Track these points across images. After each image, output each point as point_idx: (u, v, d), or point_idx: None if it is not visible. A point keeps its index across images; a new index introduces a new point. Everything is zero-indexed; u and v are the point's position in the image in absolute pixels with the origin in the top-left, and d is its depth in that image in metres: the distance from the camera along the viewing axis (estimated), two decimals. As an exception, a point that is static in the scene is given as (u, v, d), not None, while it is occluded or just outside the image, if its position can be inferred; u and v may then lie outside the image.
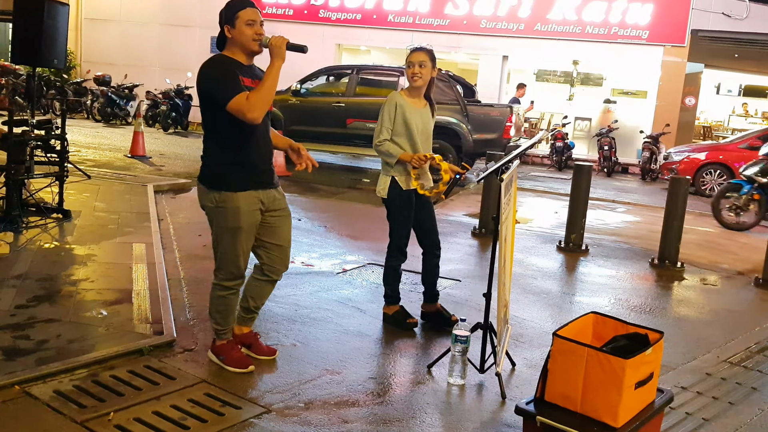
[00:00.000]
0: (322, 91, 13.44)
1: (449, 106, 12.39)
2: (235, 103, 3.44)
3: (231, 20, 3.57)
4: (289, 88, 13.32)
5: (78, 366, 3.67)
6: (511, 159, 4.13)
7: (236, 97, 3.43)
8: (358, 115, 12.70)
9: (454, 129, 12.30)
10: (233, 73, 3.51)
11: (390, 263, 4.71)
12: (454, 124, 12.31)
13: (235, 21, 3.56)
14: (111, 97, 18.23)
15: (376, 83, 13.29)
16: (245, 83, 3.54)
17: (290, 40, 3.61)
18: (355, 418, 3.45)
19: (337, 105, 12.88)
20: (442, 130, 12.44)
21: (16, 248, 5.74)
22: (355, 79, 13.05)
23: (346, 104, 12.89)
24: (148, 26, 21.58)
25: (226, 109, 3.45)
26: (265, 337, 4.29)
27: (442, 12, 18.80)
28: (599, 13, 17.49)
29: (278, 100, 13.24)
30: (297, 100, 13.14)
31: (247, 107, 3.44)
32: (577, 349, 3.04)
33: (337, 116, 12.80)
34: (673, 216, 7.16)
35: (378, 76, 13.46)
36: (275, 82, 3.54)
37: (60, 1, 7.44)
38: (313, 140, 12.91)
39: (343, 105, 12.92)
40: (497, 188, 3.89)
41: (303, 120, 12.99)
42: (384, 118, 4.49)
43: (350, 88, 13.03)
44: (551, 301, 5.73)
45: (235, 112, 3.45)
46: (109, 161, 11.32)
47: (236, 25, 3.56)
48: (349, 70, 13.50)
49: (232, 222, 3.64)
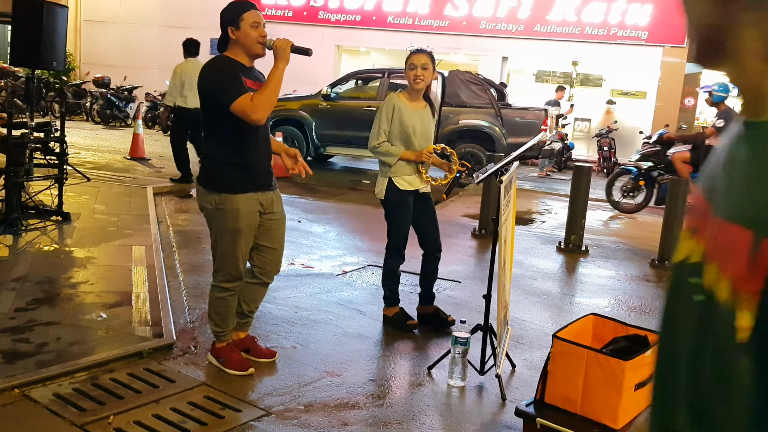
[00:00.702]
0: (352, 95, 13.26)
1: (482, 109, 12.33)
2: (239, 104, 3.44)
3: (235, 22, 3.55)
4: (319, 92, 13.27)
5: (78, 369, 3.66)
6: (510, 160, 4.14)
7: (240, 98, 3.43)
8: None
9: (488, 132, 12.25)
10: (236, 75, 3.51)
11: (388, 265, 4.71)
12: (487, 127, 12.27)
13: (239, 23, 3.55)
14: (110, 99, 18.23)
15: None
16: (247, 85, 3.54)
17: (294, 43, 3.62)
18: (355, 420, 3.45)
19: (368, 109, 12.65)
20: (475, 133, 12.38)
21: (15, 251, 5.74)
22: (386, 83, 12.90)
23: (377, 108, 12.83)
24: (147, 28, 21.59)
25: (230, 109, 3.44)
26: (264, 339, 4.29)
27: (442, 13, 18.81)
28: (598, 14, 17.50)
29: (308, 105, 13.17)
30: (327, 104, 12.97)
31: (251, 108, 3.44)
32: (577, 351, 3.04)
33: (369, 120, 12.67)
34: (673, 216, 7.16)
35: None
36: (279, 84, 3.54)
37: (59, 3, 7.45)
38: (344, 144, 12.89)
39: (374, 109, 12.75)
40: (497, 190, 3.89)
41: (333, 124, 12.89)
42: (381, 120, 4.49)
43: (381, 92, 12.84)
44: (551, 302, 5.73)
45: (238, 113, 3.45)
46: (109, 163, 11.32)
47: (241, 26, 3.55)
48: (380, 73, 13.36)
49: (231, 224, 3.64)
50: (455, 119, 12.53)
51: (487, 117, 12.27)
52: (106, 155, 12.33)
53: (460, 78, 12.86)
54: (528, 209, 10.17)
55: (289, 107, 13.20)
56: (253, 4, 3.64)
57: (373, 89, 13.18)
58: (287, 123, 13.08)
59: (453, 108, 12.61)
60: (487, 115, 12.28)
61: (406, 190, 4.55)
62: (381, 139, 4.48)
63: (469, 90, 12.64)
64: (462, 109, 12.54)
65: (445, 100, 12.68)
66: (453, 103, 12.62)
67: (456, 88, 12.68)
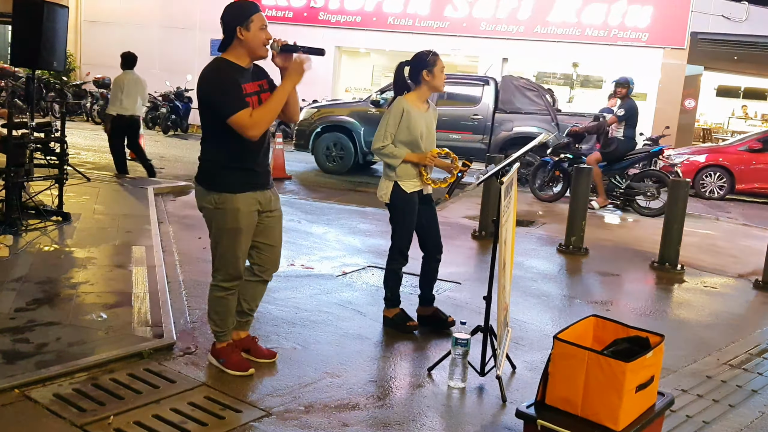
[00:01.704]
0: None
1: (538, 115, 12.23)
2: (237, 119, 3.44)
3: (245, 23, 3.51)
4: (368, 98, 13.21)
5: (78, 369, 3.66)
6: (511, 162, 4.13)
7: (240, 113, 3.43)
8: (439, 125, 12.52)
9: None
10: (235, 84, 3.49)
11: (391, 266, 4.71)
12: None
13: (249, 24, 3.52)
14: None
15: (458, 92, 13.08)
16: (246, 90, 3.54)
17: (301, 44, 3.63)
18: (356, 421, 3.44)
19: None
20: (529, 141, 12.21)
21: (15, 251, 5.74)
22: None
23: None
24: (147, 28, 21.59)
25: (228, 122, 3.45)
26: (265, 340, 4.29)
27: (442, 14, 18.82)
28: (599, 16, 17.51)
29: (357, 112, 13.03)
30: (377, 110, 12.73)
31: (249, 124, 3.45)
32: (578, 353, 3.03)
33: None
34: (673, 218, 7.15)
35: (460, 86, 13.19)
36: (281, 103, 3.55)
37: (59, 4, 7.46)
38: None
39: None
40: (497, 191, 3.89)
41: None
42: (389, 123, 4.48)
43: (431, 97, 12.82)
44: (552, 303, 5.73)
45: (236, 127, 3.46)
46: (109, 164, 11.29)
47: (251, 28, 3.52)
48: None
49: (231, 223, 3.64)
50: (509, 126, 12.41)
51: (542, 124, 12.13)
52: (106, 156, 12.29)
53: (514, 84, 12.73)
54: (528, 210, 10.17)
55: (338, 113, 13.12)
56: (258, 6, 3.64)
57: None
58: (336, 129, 12.98)
59: (507, 114, 12.48)
60: (542, 121, 12.15)
61: (412, 192, 4.56)
62: (387, 141, 4.48)
63: (524, 96, 12.53)
64: (516, 115, 12.41)
65: (499, 107, 12.57)
66: (507, 110, 12.50)
67: (510, 95, 12.57)
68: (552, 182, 11.15)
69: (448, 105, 12.74)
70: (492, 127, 12.54)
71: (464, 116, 12.66)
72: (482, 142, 12.51)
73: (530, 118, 12.36)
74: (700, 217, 10.76)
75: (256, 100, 3.63)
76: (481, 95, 12.71)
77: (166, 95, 17.89)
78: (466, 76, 14.42)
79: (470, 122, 12.60)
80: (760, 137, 13.95)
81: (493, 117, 12.54)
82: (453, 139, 12.30)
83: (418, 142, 4.51)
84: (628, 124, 10.21)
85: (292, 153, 14.13)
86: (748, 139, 14.13)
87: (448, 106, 12.70)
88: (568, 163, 10.85)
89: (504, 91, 12.64)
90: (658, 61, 17.19)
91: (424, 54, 4.54)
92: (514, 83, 12.76)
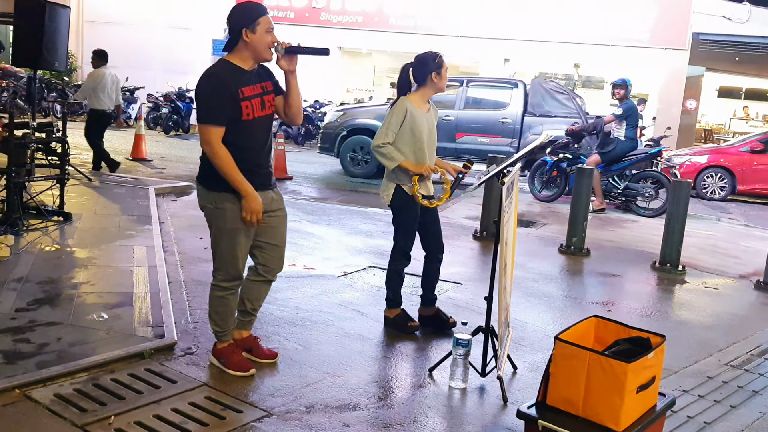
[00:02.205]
0: None
1: (568, 119, 12.12)
2: (206, 130, 3.49)
3: (252, 25, 3.51)
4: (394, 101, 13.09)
5: (79, 369, 3.66)
6: (512, 162, 4.13)
7: (211, 127, 3.48)
8: (468, 129, 12.45)
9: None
10: (226, 97, 3.49)
11: (394, 267, 4.70)
12: None
13: (256, 27, 3.51)
14: (112, 100, 18.22)
15: (487, 96, 12.99)
16: (245, 94, 3.54)
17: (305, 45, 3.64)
18: (357, 421, 3.44)
19: (446, 119, 12.47)
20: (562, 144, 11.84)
21: (16, 251, 5.74)
22: (464, 91, 12.74)
23: (455, 118, 12.58)
24: (149, 29, 21.62)
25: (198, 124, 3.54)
26: (266, 340, 4.29)
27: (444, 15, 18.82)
28: (600, 17, 17.51)
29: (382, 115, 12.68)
30: None
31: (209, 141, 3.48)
32: (579, 353, 3.03)
33: (446, 130, 12.40)
34: (675, 219, 7.15)
35: (489, 89, 13.11)
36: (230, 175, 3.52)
37: (61, 4, 7.46)
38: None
39: (452, 119, 12.56)
40: (498, 191, 3.89)
41: None
42: (392, 122, 4.47)
43: (459, 102, 12.70)
44: (553, 304, 5.72)
45: (200, 134, 3.53)
46: (110, 164, 11.31)
47: (257, 31, 3.52)
48: (457, 82, 13.08)
49: (231, 223, 3.64)
50: (539, 129, 12.25)
51: None
52: (107, 156, 12.31)
53: (544, 87, 12.62)
54: (529, 211, 10.16)
55: (364, 117, 12.98)
56: (265, 8, 3.63)
57: (451, 98, 12.83)
58: (360, 132, 12.82)
59: (536, 118, 12.34)
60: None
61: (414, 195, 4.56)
62: (387, 140, 4.46)
63: (554, 99, 12.42)
64: (546, 119, 12.29)
65: (528, 110, 12.43)
66: (536, 113, 12.36)
67: (540, 98, 12.44)
68: (551, 182, 11.17)
69: (476, 108, 12.65)
70: (521, 131, 12.41)
71: (493, 120, 12.57)
72: (511, 146, 12.38)
73: (560, 122, 12.18)
74: (701, 217, 10.75)
75: (258, 102, 3.62)
76: (510, 98, 12.59)
77: (167, 95, 17.92)
78: (495, 79, 14.31)
79: (499, 126, 12.46)
80: (761, 138, 13.95)
81: (522, 120, 12.39)
82: (481, 143, 12.21)
83: (421, 143, 4.51)
84: (629, 124, 10.20)
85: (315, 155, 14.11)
86: (750, 140, 14.13)
87: (476, 110, 12.62)
88: (567, 163, 10.85)
89: (533, 95, 12.49)
90: (660, 62, 17.19)
91: (431, 56, 4.53)
92: (543, 86, 12.64)
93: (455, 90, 12.83)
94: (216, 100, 3.50)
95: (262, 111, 3.65)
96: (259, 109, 3.62)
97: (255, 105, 3.59)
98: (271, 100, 3.72)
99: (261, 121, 3.65)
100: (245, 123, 3.56)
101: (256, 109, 3.60)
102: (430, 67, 4.49)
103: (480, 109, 12.70)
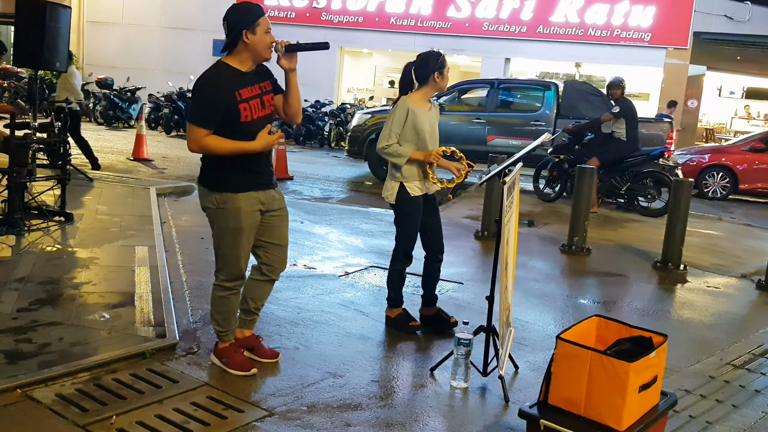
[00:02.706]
0: (459, 108, 12.69)
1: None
2: (193, 130, 3.51)
3: (251, 26, 3.51)
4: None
5: (80, 369, 3.66)
6: (513, 162, 4.13)
7: (198, 127, 3.50)
8: (499, 131, 12.18)
9: None
10: (218, 102, 3.51)
11: (395, 267, 4.70)
12: None
13: (255, 27, 3.51)
14: (113, 100, 18.26)
15: (518, 98, 12.76)
16: (243, 96, 3.55)
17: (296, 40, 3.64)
18: (358, 421, 3.44)
19: (477, 121, 12.26)
20: None
21: (18, 251, 5.74)
22: (495, 93, 12.52)
23: (487, 120, 12.31)
24: (150, 29, 21.63)
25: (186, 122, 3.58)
26: (267, 340, 4.29)
27: (445, 15, 18.83)
28: (602, 16, 17.51)
29: None
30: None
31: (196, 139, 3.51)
32: (581, 353, 3.03)
33: (477, 133, 12.25)
34: (676, 218, 7.14)
35: (520, 91, 12.88)
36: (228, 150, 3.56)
37: (62, 4, 7.46)
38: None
39: (483, 121, 12.29)
40: (500, 191, 3.88)
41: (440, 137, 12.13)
42: (394, 123, 4.48)
43: (491, 104, 12.45)
44: (554, 304, 5.72)
45: (187, 133, 3.56)
46: (112, 164, 11.34)
47: (257, 31, 3.52)
48: (488, 84, 12.88)
49: (233, 222, 3.64)
50: None
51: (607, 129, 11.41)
52: (109, 156, 12.34)
53: (577, 89, 12.36)
54: (530, 210, 10.16)
55: None
56: (263, 8, 3.64)
57: (482, 100, 12.61)
58: None
59: (570, 120, 11.89)
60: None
61: (417, 195, 4.56)
62: (392, 141, 4.47)
63: (588, 101, 12.11)
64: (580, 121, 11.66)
65: (561, 113, 12.12)
66: (570, 116, 11.99)
67: (573, 100, 12.15)
68: (552, 182, 11.14)
69: (507, 111, 12.40)
70: (554, 133, 11.92)
71: (524, 122, 12.28)
72: (544, 149, 11.85)
73: None
74: (703, 217, 10.74)
75: (257, 103, 3.62)
76: (543, 100, 12.28)
77: (168, 95, 17.92)
78: (527, 80, 14.01)
79: (531, 128, 12.11)
80: (763, 137, 13.93)
81: (555, 123, 12.08)
82: (513, 146, 11.86)
83: (424, 141, 4.52)
84: (629, 124, 10.11)
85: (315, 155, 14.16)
86: (751, 140, 14.11)
87: (508, 112, 12.37)
88: (568, 164, 10.80)
89: (566, 97, 12.20)
90: (661, 60, 17.19)
91: (434, 55, 4.52)
92: (577, 88, 12.36)
93: (485, 92, 12.59)
94: (207, 105, 3.52)
95: (261, 111, 3.65)
96: (258, 110, 3.63)
97: (254, 106, 3.60)
98: (271, 100, 3.73)
99: (261, 121, 3.65)
100: (244, 124, 3.57)
101: (255, 110, 3.60)
102: (432, 67, 4.49)
103: (511, 111, 12.43)
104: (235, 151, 3.56)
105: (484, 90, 12.76)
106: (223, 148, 3.54)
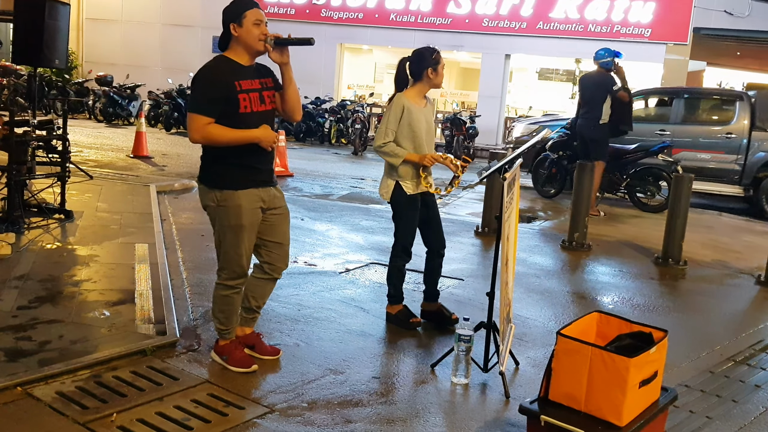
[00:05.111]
0: (640, 118, 11.47)
1: None
2: (194, 119, 3.51)
3: (238, 19, 3.56)
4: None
5: (80, 367, 3.66)
6: (513, 158, 4.13)
7: (200, 115, 3.50)
8: (686, 144, 11.37)
9: None
10: (218, 89, 3.52)
11: (395, 263, 4.70)
12: None
13: (242, 20, 3.56)
14: (113, 98, 18.23)
15: (708, 108, 12.08)
16: (242, 87, 3.55)
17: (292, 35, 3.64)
18: (359, 417, 3.44)
19: (661, 133, 11.46)
20: None
21: (18, 249, 5.74)
22: (682, 104, 11.80)
23: (672, 132, 11.48)
24: (149, 26, 21.60)
25: (186, 113, 3.53)
26: (268, 337, 4.29)
27: (445, 11, 18.79)
28: (601, 12, 17.47)
29: None
30: None
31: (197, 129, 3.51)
32: (582, 348, 3.03)
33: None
34: (677, 214, 7.14)
35: (710, 101, 12.19)
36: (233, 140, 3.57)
37: (61, 1, 7.44)
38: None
39: (668, 133, 11.49)
40: (500, 187, 3.88)
41: None
42: (390, 120, 4.48)
43: (676, 115, 11.71)
44: (555, 299, 5.72)
45: (188, 123, 3.56)
46: (112, 161, 11.32)
47: (243, 24, 3.56)
48: (673, 93, 12.15)
49: (234, 220, 3.64)
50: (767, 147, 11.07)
51: None
52: (108, 153, 12.33)
53: None
54: (530, 206, 10.15)
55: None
56: (255, 2, 3.64)
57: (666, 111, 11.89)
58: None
59: (766, 133, 11.09)
60: None
61: (413, 193, 4.55)
62: (388, 139, 4.47)
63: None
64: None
65: (756, 124, 11.14)
66: (766, 128, 11.12)
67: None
68: (551, 179, 11.12)
69: (695, 122, 11.73)
70: (748, 146, 11.20)
71: (715, 134, 11.47)
72: (737, 163, 11.27)
73: None
74: (703, 212, 10.73)
75: (257, 96, 3.63)
76: (735, 111, 11.36)
77: (168, 93, 17.89)
78: (716, 90, 13.34)
79: (722, 141, 11.29)
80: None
81: (750, 135, 11.15)
82: (701, 159, 11.25)
83: (420, 139, 4.51)
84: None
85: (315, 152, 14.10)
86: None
87: (696, 124, 11.69)
88: (567, 160, 10.76)
89: (762, 108, 11.25)
90: (661, 56, 17.16)
91: (428, 52, 4.51)
92: None
93: (672, 102, 11.86)
94: (207, 93, 3.54)
95: (261, 106, 3.65)
96: (257, 104, 3.63)
97: (253, 98, 3.60)
98: (272, 96, 3.74)
99: (261, 116, 3.65)
100: (243, 116, 3.57)
101: (254, 102, 3.61)
102: (426, 63, 4.48)
103: (699, 123, 11.70)
104: (237, 140, 3.56)
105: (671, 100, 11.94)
106: (225, 136, 3.54)
